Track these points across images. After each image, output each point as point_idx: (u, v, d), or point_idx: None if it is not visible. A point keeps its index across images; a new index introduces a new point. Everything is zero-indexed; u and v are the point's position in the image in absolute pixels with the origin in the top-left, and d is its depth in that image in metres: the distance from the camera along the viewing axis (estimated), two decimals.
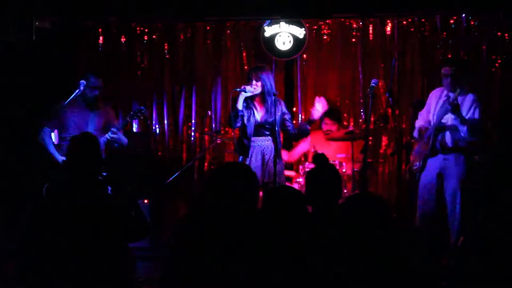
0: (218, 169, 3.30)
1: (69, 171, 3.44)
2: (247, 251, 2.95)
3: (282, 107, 5.51)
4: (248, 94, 5.38)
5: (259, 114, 5.46)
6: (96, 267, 3.19)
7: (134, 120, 5.96)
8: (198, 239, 2.97)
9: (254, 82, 5.39)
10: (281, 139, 5.60)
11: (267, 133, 5.47)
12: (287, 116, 5.54)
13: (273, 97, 5.40)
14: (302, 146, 6.56)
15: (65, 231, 3.20)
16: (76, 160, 3.40)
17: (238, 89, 5.44)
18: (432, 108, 5.59)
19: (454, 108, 5.19)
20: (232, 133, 5.75)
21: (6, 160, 6.20)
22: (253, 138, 5.45)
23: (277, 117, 5.45)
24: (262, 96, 5.45)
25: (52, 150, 5.59)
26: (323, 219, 3.17)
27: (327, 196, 3.24)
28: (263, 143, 5.47)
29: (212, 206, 3.05)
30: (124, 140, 5.71)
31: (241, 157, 5.54)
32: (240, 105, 5.38)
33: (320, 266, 2.96)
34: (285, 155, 6.48)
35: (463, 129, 5.29)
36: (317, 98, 5.58)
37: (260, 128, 5.48)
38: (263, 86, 5.41)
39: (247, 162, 5.47)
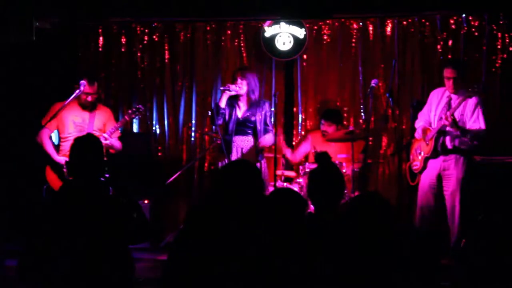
0: (222, 169, 3.30)
1: (71, 171, 3.44)
2: (249, 252, 2.95)
3: (266, 107, 5.76)
4: (233, 93, 5.65)
5: (240, 112, 5.65)
6: (97, 267, 3.19)
7: (132, 119, 5.95)
8: (197, 242, 2.97)
9: (239, 81, 5.62)
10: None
11: (249, 131, 5.66)
12: (268, 119, 5.77)
13: (257, 97, 5.75)
14: (304, 147, 6.56)
15: (66, 232, 3.20)
16: (78, 161, 3.40)
17: (222, 88, 5.74)
18: (433, 108, 5.60)
19: (452, 124, 5.22)
20: (216, 130, 5.90)
21: (5, 161, 6.19)
22: (234, 137, 5.60)
23: (260, 117, 5.70)
24: (247, 95, 5.73)
25: (50, 150, 5.59)
26: (325, 218, 3.17)
27: (329, 195, 3.24)
28: (243, 143, 5.63)
29: (213, 207, 3.06)
30: (117, 144, 5.72)
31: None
32: (223, 103, 5.68)
33: (321, 265, 2.96)
34: (288, 153, 6.50)
35: (465, 138, 5.31)
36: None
37: (241, 126, 5.66)
38: (248, 85, 5.70)
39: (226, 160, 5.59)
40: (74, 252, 3.17)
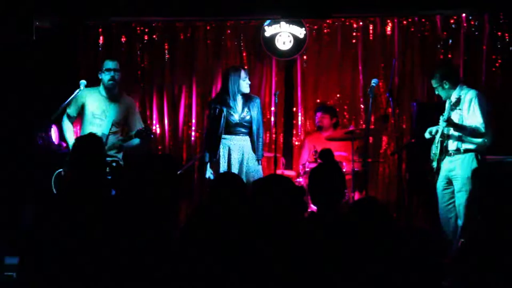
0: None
1: (72, 171, 3.44)
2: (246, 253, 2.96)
3: (258, 103, 5.57)
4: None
5: (236, 113, 5.46)
6: (98, 267, 3.19)
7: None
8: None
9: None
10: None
11: (245, 131, 5.50)
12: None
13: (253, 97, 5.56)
14: (305, 153, 6.55)
15: (66, 232, 3.20)
16: (79, 161, 3.40)
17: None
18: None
19: (449, 123, 5.21)
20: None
21: (5, 160, 6.19)
22: (230, 137, 5.44)
23: (256, 116, 5.50)
24: (244, 96, 5.51)
25: (68, 135, 5.55)
26: (326, 217, 3.17)
27: (330, 194, 3.24)
28: (240, 143, 5.47)
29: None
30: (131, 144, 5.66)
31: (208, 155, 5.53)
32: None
33: (321, 265, 2.97)
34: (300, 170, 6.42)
35: (464, 133, 5.31)
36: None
37: (238, 127, 5.49)
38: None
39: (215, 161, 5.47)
40: (75, 251, 3.17)
